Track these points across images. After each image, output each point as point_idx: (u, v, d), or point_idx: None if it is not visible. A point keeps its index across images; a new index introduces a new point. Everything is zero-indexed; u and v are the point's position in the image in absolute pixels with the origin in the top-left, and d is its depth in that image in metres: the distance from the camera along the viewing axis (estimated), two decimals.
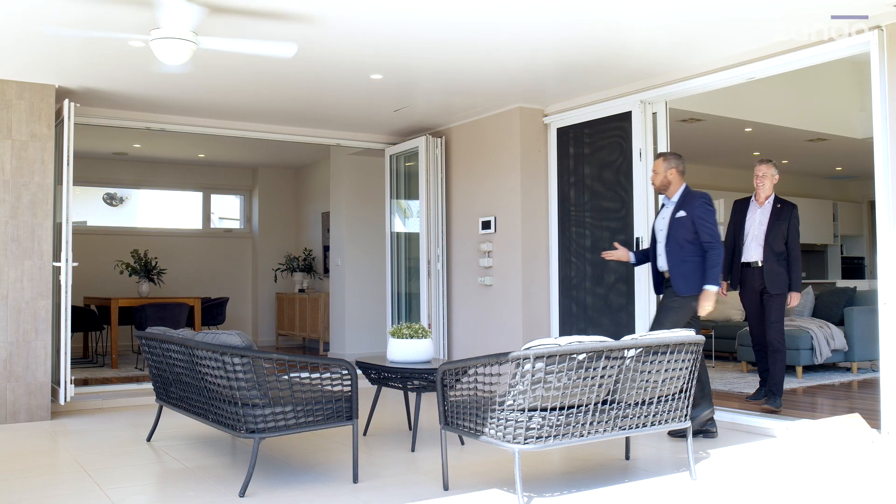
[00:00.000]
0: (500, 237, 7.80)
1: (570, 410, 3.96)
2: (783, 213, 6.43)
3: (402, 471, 4.84)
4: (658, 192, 5.65)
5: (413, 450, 5.29)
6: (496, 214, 7.83)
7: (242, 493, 4.18)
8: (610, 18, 5.20)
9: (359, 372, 4.84)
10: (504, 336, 7.66)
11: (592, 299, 7.32)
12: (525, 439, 3.87)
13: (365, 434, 5.80)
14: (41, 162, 6.67)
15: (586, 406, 4.01)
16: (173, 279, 11.62)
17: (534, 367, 3.78)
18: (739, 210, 6.66)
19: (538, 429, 3.88)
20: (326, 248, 12.02)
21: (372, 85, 6.83)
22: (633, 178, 6.85)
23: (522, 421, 3.86)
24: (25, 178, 6.61)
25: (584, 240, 7.41)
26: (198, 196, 13.00)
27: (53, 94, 6.76)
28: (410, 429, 5.90)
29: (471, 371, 4.18)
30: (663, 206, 5.65)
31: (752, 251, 6.45)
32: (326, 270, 12.04)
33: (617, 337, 4.21)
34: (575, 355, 3.85)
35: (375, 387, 5.78)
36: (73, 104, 6.82)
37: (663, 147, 6.67)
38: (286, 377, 4.33)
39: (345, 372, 4.51)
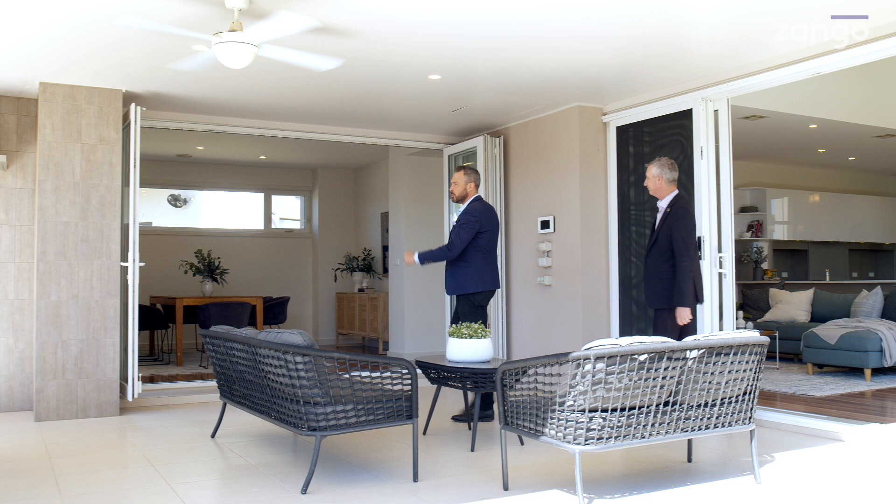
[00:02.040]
0: (558, 237, 7.76)
1: (632, 411, 3.92)
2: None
3: (461, 470, 4.85)
4: (455, 202, 6.33)
5: (472, 449, 5.30)
6: (555, 214, 7.79)
7: (304, 490, 4.23)
8: (671, 13, 5.14)
9: (418, 371, 4.86)
10: (563, 336, 7.62)
11: None
12: (586, 440, 3.85)
13: (424, 433, 5.83)
14: (109, 164, 6.85)
15: (648, 407, 3.97)
16: (236, 279, 11.82)
17: (594, 368, 3.76)
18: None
19: (599, 430, 3.85)
20: (385, 248, 12.10)
21: (430, 85, 6.86)
22: (694, 177, 6.75)
23: (583, 422, 3.83)
24: (94, 180, 6.80)
25: (644, 239, 7.33)
26: (259, 197, 13.20)
27: (121, 98, 6.93)
28: (469, 428, 5.91)
29: (531, 371, 4.17)
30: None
31: None
32: (385, 270, 12.12)
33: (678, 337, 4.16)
34: (636, 356, 3.81)
35: (435, 386, 5.80)
36: (139, 108, 6.99)
37: (725, 145, 6.56)
38: (347, 376, 4.38)
39: (405, 371, 4.54)
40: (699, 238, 6.66)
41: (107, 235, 6.81)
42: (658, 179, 5.62)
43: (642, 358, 3.83)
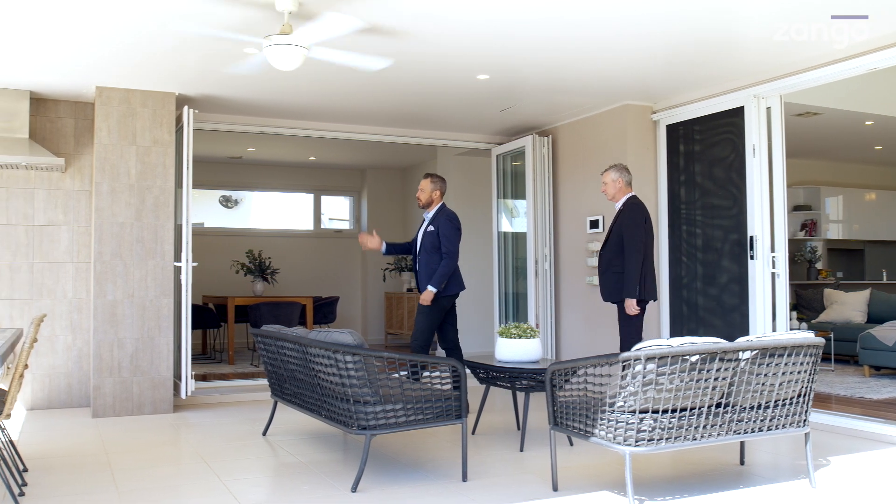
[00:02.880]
0: None
1: (683, 413, 3.88)
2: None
3: (510, 470, 4.85)
4: (422, 207, 6.55)
5: (521, 449, 5.29)
6: (604, 213, 7.74)
7: (354, 489, 4.27)
8: (722, 9, 5.07)
9: (467, 371, 4.87)
10: (612, 336, 7.54)
11: (704, 299, 7.15)
12: (636, 441, 3.82)
13: (473, 433, 5.83)
14: (163, 166, 6.98)
15: (699, 409, 3.93)
16: (286, 278, 11.95)
17: (645, 369, 3.73)
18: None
19: (649, 431, 3.82)
20: None
21: (478, 85, 6.86)
22: (745, 175, 6.65)
23: (633, 423, 3.81)
24: (149, 181, 6.93)
25: (695, 239, 7.25)
26: (309, 197, 13.32)
27: (174, 101, 7.06)
28: (519, 428, 5.91)
29: (580, 371, 4.15)
30: (424, 220, 6.59)
31: None
32: None
33: (730, 338, 4.11)
34: (687, 357, 3.77)
35: (484, 386, 5.80)
36: (191, 111, 7.10)
37: (778, 143, 6.46)
38: (396, 375, 4.40)
39: (454, 371, 4.55)
40: (751, 237, 6.57)
41: (161, 236, 6.94)
42: (617, 183, 6.10)
43: (694, 359, 3.79)
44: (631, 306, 5.85)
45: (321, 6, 4.78)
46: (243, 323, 10.49)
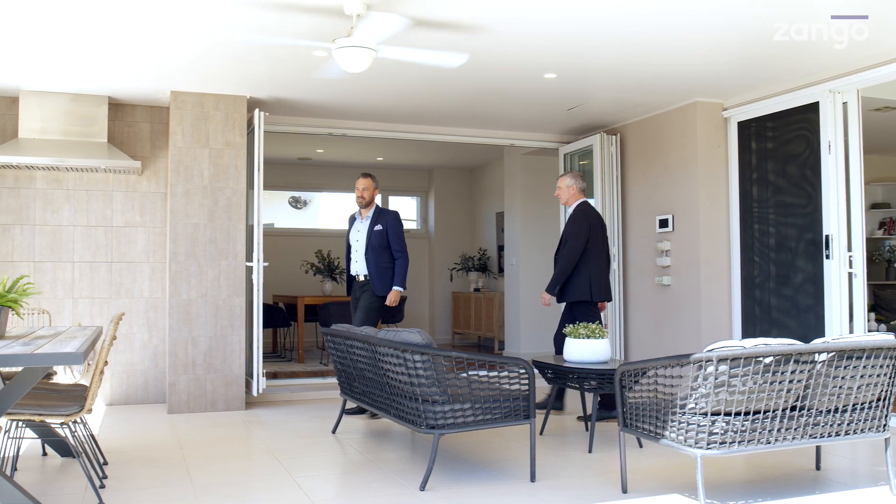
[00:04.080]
0: (678, 235, 7.60)
1: (756, 416, 3.81)
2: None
3: (579, 471, 4.82)
4: (364, 206, 6.92)
5: (590, 451, 5.25)
6: (674, 212, 7.63)
7: (423, 487, 4.29)
8: (795, 2, 4.95)
9: (535, 371, 4.85)
10: (683, 337, 7.46)
11: (777, 300, 6.99)
12: (708, 444, 3.76)
13: (541, 433, 5.81)
14: (235, 168, 7.12)
15: (773, 412, 3.84)
16: None
17: (717, 370, 3.67)
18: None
19: (721, 434, 3.76)
20: (501, 248, 12.12)
21: (545, 84, 6.83)
22: (821, 173, 6.49)
23: (705, 425, 3.75)
24: (221, 183, 7.08)
25: (768, 238, 7.09)
26: (376, 198, 13.40)
27: (245, 104, 7.20)
28: (587, 429, 5.86)
29: (650, 372, 4.10)
30: (356, 219, 7.01)
31: None
32: (501, 270, 12.14)
33: (805, 340, 4.02)
34: (761, 358, 3.70)
35: (552, 386, 5.78)
36: (262, 113, 7.23)
37: (855, 139, 6.28)
38: (465, 375, 4.41)
39: (522, 371, 4.54)
40: (827, 236, 6.40)
41: (233, 236, 7.09)
42: (571, 189, 6.49)
43: (768, 360, 3.71)
44: (546, 299, 6.44)
45: (389, 6, 4.81)
46: (313, 322, 10.63)
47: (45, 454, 5.16)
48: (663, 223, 7.74)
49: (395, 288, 6.71)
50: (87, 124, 7.00)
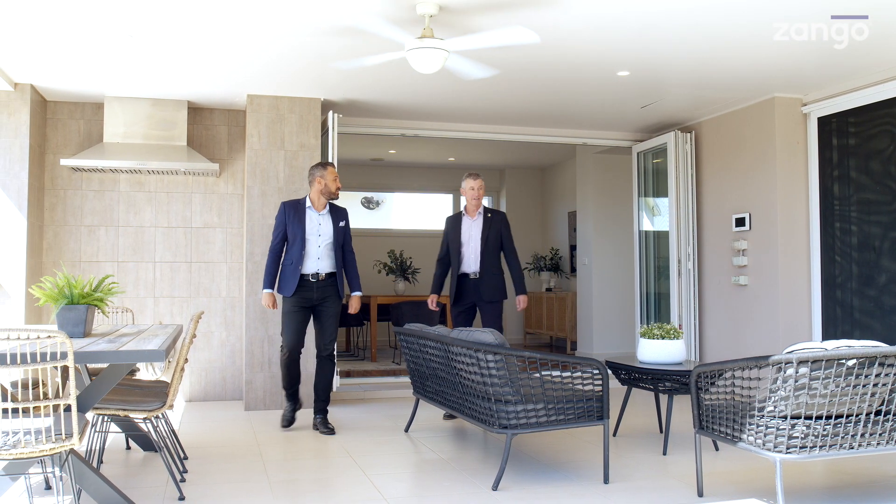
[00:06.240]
0: (755, 235, 7.43)
1: (838, 420, 3.70)
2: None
3: (653, 474, 4.76)
4: (333, 199, 6.34)
5: (664, 453, 5.18)
6: (751, 211, 7.47)
7: (495, 487, 4.30)
8: None
9: (609, 372, 4.81)
10: (760, 338, 7.30)
11: (860, 301, 6.78)
12: (787, 448, 3.67)
13: (615, 435, 5.76)
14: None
15: (857, 416, 3.74)
16: (426, 278, 12.11)
17: (797, 373, 3.58)
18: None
19: (802, 438, 3.67)
20: (573, 248, 12.03)
21: (618, 82, 6.76)
22: None
23: (784, 429, 3.66)
24: (296, 184, 7.20)
25: (850, 237, 6.89)
26: (448, 198, 13.48)
27: (319, 106, 7.31)
28: (661, 431, 5.79)
29: (727, 374, 4.03)
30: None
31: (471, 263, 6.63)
32: (573, 269, 12.05)
33: (890, 342, 3.89)
34: (843, 361, 3.60)
35: (626, 387, 5.72)
36: (336, 115, 7.33)
37: None
38: (538, 375, 4.40)
39: (596, 371, 4.51)
40: None
41: None
42: (483, 189, 6.59)
43: (850, 363, 3.61)
44: (433, 301, 6.80)
45: (463, 6, 4.82)
46: (385, 321, 10.72)
47: (128, 448, 5.32)
48: (740, 222, 7.59)
49: (360, 293, 6.40)
50: (168, 128, 7.20)
